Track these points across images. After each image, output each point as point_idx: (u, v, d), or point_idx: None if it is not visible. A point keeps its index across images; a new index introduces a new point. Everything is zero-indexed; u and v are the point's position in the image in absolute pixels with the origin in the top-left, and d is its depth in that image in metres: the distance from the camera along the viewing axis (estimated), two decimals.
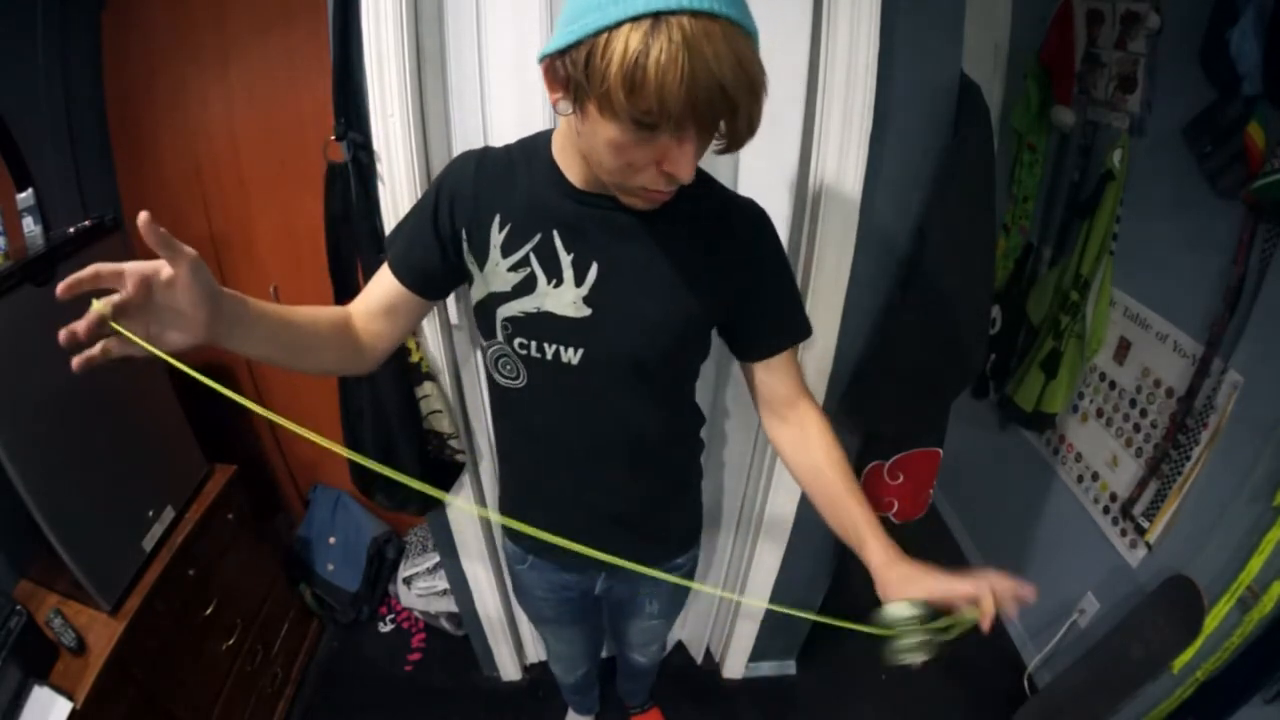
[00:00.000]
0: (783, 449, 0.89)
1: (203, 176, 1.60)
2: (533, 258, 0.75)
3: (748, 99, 0.55)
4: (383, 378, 1.10)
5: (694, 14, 0.51)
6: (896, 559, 0.75)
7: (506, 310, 0.77)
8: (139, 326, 0.55)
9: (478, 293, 0.80)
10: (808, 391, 0.88)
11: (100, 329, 0.52)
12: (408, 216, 0.83)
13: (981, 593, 0.70)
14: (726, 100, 0.54)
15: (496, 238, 0.76)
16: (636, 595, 1.11)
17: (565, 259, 0.74)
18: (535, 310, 0.76)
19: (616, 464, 0.88)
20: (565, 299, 0.75)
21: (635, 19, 0.51)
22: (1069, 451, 1.67)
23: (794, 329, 0.85)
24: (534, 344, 0.78)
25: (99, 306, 0.51)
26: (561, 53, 0.57)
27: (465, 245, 0.78)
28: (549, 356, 0.78)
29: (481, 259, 0.77)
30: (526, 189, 0.75)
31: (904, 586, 0.72)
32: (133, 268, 0.53)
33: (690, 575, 1.12)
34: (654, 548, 1.02)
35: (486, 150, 0.80)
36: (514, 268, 0.75)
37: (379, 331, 0.81)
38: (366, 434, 1.17)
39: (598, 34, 0.53)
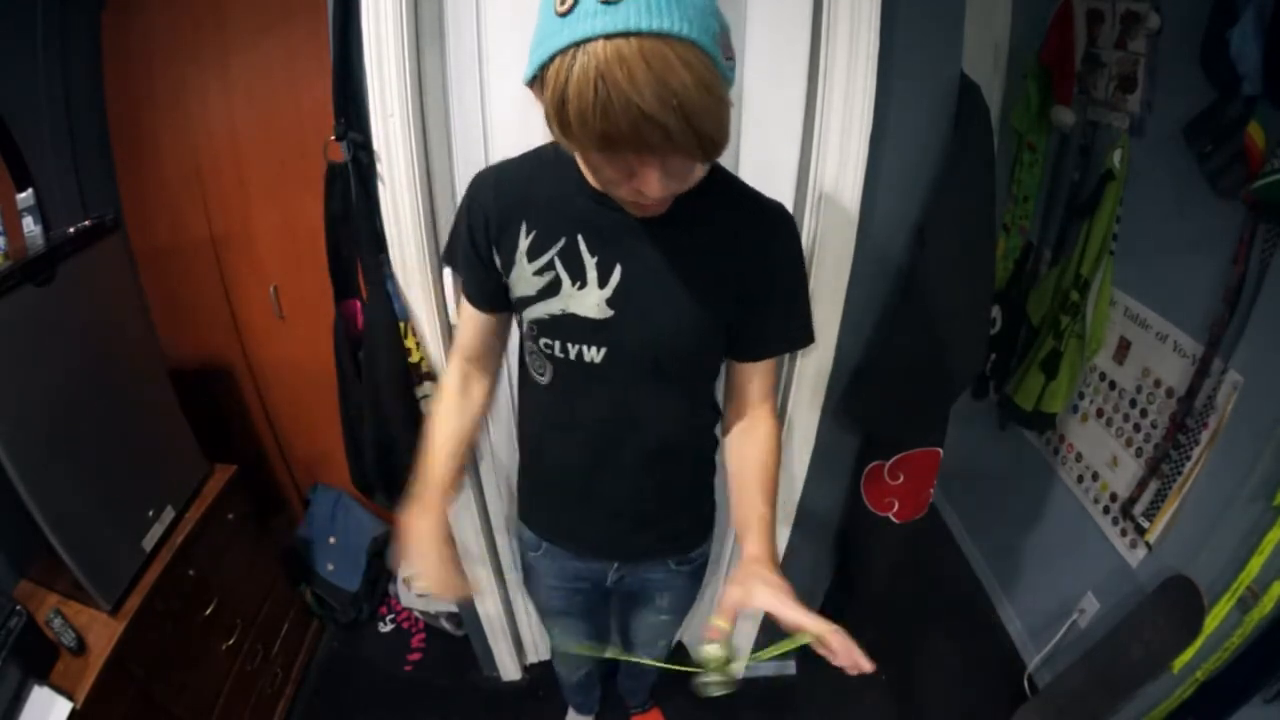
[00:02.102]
0: (729, 436, 0.92)
1: (203, 176, 1.60)
2: (557, 261, 0.76)
3: (678, 120, 0.51)
4: (383, 378, 1.11)
5: (609, 37, 0.49)
6: (766, 560, 0.74)
7: (532, 313, 0.79)
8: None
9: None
10: (773, 398, 0.91)
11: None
12: (456, 249, 0.85)
13: (821, 631, 0.66)
14: (652, 124, 0.51)
15: (523, 244, 0.77)
16: (647, 588, 1.11)
17: (590, 261, 0.75)
18: (560, 312, 0.77)
19: (636, 458, 0.89)
20: (589, 301, 0.76)
21: (562, 52, 0.51)
22: (1069, 451, 1.67)
23: (796, 335, 0.87)
24: (558, 344, 0.79)
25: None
26: (529, 84, 0.58)
27: (496, 257, 0.80)
28: (573, 356, 0.80)
29: (509, 265, 0.79)
30: (550, 194, 0.77)
31: (753, 585, 0.71)
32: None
33: (702, 571, 1.12)
34: (669, 542, 1.02)
35: (502, 166, 0.82)
36: (539, 271, 0.77)
37: (487, 362, 0.94)
38: (367, 434, 1.17)
39: (542, 69, 0.53)
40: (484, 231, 0.79)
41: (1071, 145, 1.61)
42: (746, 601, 0.70)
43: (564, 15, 0.51)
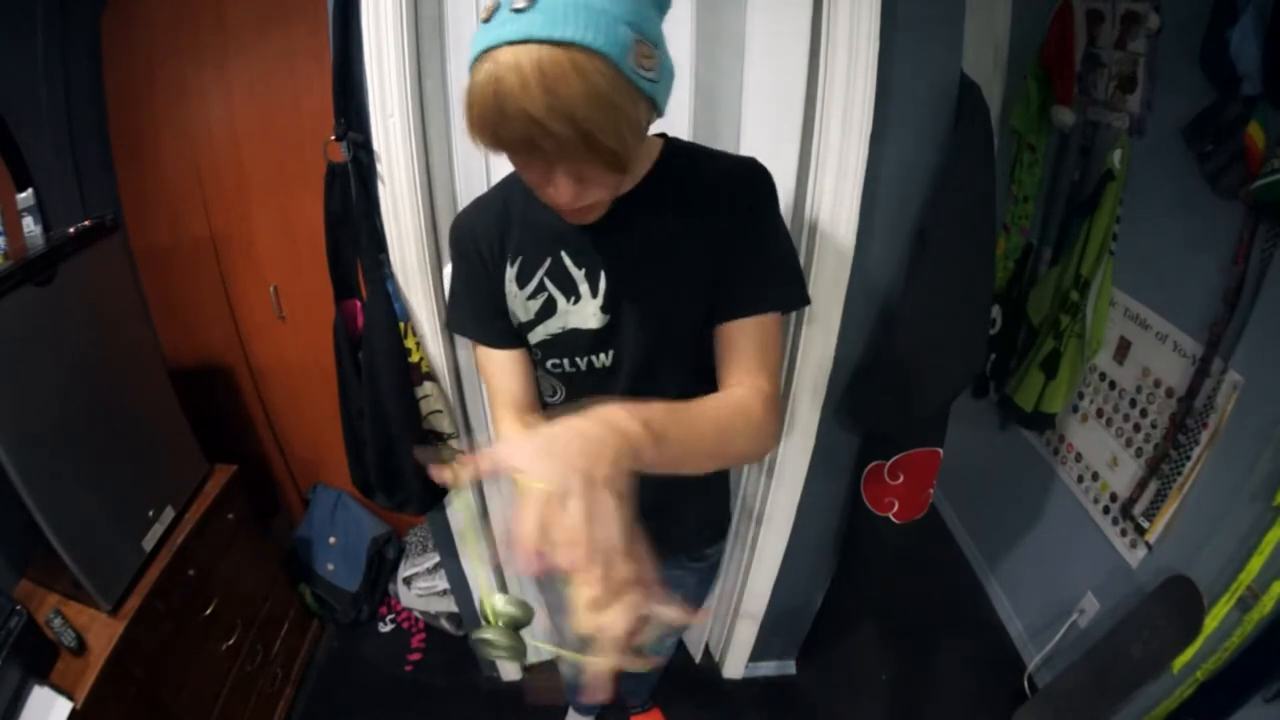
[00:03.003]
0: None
1: (203, 176, 1.60)
2: (547, 282, 0.77)
3: (568, 128, 0.51)
4: (383, 378, 1.11)
5: (513, 44, 0.50)
6: (604, 420, 0.52)
7: (534, 336, 0.80)
8: None
9: None
10: (770, 376, 0.76)
11: None
12: (465, 303, 0.83)
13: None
14: (543, 131, 0.52)
15: (510, 272, 0.78)
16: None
17: (577, 274, 0.76)
18: (561, 329, 0.78)
19: None
20: (586, 312, 0.77)
21: (478, 57, 0.53)
22: (1069, 451, 1.66)
23: (787, 294, 0.77)
24: (566, 360, 0.80)
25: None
26: None
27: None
28: (583, 367, 0.81)
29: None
30: (525, 218, 0.77)
31: (536, 435, 0.49)
32: None
33: (715, 569, 1.12)
34: (683, 539, 1.02)
35: (475, 203, 0.82)
36: (532, 295, 0.78)
37: (537, 409, 0.85)
38: (367, 434, 1.17)
39: (470, 75, 0.55)
40: (481, 262, 0.79)
41: (1071, 145, 1.61)
42: (504, 452, 0.49)
43: (485, 22, 0.53)
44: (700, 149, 0.79)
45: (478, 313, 0.82)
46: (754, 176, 0.76)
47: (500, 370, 0.82)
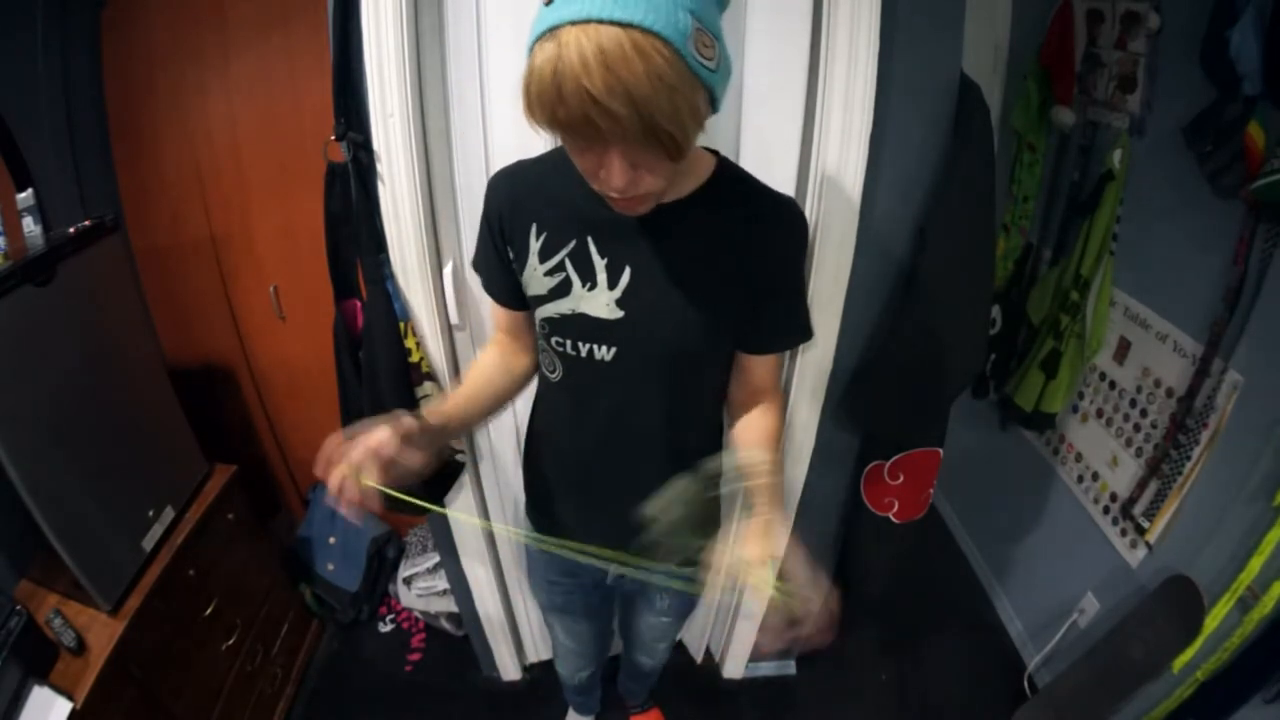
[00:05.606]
0: (734, 416, 0.92)
1: (203, 176, 1.60)
2: (568, 263, 0.77)
3: (627, 108, 0.52)
4: (383, 378, 1.11)
5: (574, 23, 0.51)
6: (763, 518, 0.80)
7: (544, 311, 0.81)
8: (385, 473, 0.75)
9: None
10: (780, 385, 0.92)
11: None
12: (479, 250, 0.88)
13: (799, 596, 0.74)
14: (601, 110, 0.52)
15: (534, 244, 0.79)
16: (648, 589, 1.11)
17: (599, 263, 0.76)
18: (570, 311, 0.79)
19: (645, 454, 0.89)
20: (599, 301, 0.77)
21: (539, 38, 0.53)
22: (1069, 451, 1.67)
23: (800, 330, 0.88)
24: (569, 342, 0.81)
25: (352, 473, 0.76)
26: None
27: (510, 251, 0.82)
28: (583, 354, 0.81)
29: (521, 265, 0.81)
30: (561, 197, 0.77)
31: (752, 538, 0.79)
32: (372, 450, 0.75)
33: None
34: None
35: (519, 164, 0.83)
36: (550, 272, 0.78)
37: (527, 341, 0.92)
38: None
39: (528, 55, 0.56)
40: (500, 227, 0.81)
41: (1071, 145, 1.61)
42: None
43: (547, 4, 0.53)
44: (749, 176, 0.81)
45: (488, 262, 0.86)
46: (797, 219, 0.80)
47: (499, 313, 0.91)
